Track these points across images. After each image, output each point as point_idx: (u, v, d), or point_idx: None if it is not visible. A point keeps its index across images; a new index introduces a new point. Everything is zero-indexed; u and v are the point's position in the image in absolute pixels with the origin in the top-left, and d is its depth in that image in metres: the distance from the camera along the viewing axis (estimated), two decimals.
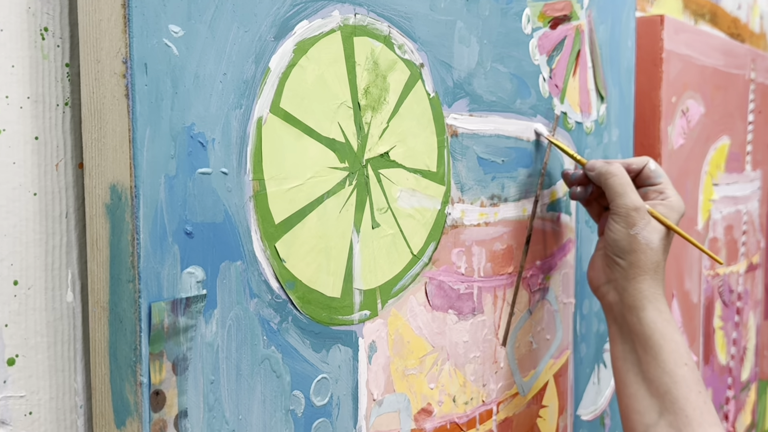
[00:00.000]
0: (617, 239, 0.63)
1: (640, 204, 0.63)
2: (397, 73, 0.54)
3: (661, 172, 0.67)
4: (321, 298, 0.49)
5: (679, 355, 0.61)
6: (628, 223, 0.62)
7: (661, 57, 0.87)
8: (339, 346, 0.50)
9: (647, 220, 0.63)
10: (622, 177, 0.64)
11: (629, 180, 0.64)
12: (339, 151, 0.49)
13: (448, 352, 0.60)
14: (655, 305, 0.62)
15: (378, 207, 0.53)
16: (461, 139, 0.60)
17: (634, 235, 0.62)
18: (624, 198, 0.63)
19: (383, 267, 0.53)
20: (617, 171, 0.64)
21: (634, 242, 0.62)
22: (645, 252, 0.62)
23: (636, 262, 0.62)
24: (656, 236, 0.63)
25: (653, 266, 0.62)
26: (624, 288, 0.63)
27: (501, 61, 0.64)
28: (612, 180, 0.64)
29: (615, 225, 0.64)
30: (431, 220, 0.57)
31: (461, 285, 0.61)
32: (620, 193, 0.63)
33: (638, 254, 0.62)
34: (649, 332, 0.61)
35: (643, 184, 0.67)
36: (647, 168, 0.67)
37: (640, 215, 0.63)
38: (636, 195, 0.64)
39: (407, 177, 0.55)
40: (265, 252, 0.45)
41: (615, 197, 0.64)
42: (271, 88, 0.45)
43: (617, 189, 0.64)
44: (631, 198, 0.63)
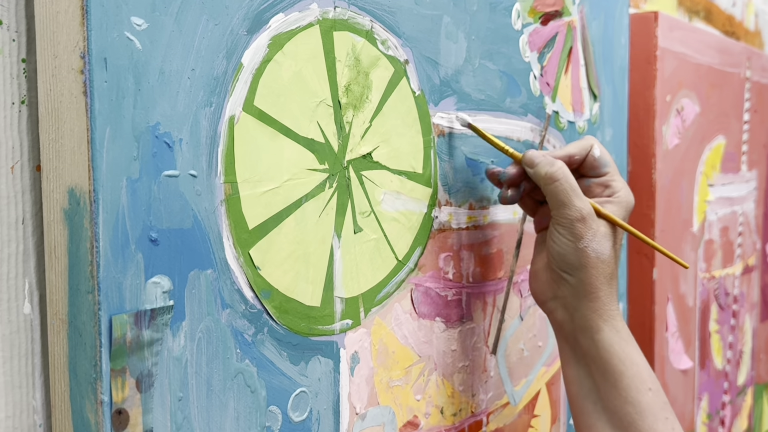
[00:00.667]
0: (564, 254, 0.54)
1: (587, 211, 0.54)
2: (380, 70, 0.51)
3: (607, 159, 0.58)
4: (299, 308, 0.46)
5: (641, 380, 0.53)
6: (575, 236, 0.54)
7: (655, 55, 0.85)
8: (319, 357, 0.47)
9: (595, 230, 0.54)
10: (565, 181, 0.54)
11: (574, 183, 0.55)
12: (318, 152, 0.47)
13: (435, 362, 0.57)
14: (611, 324, 0.54)
15: (360, 210, 0.50)
16: (448, 140, 0.57)
17: (583, 248, 0.54)
18: (568, 208, 0.54)
19: (366, 274, 0.51)
20: (560, 174, 0.54)
21: (582, 257, 0.54)
22: (596, 266, 0.54)
23: (586, 279, 0.54)
24: (607, 245, 0.54)
25: (606, 279, 0.54)
26: (575, 307, 0.55)
27: (490, 58, 0.61)
28: (553, 187, 0.54)
29: (560, 237, 0.54)
30: (417, 224, 0.55)
31: (449, 291, 0.58)
32: (563, 202, 0.54)
33: (588, 269, 0.54)
34: (607, 356, 0.54)
35: (587, 175, 0.58)
36: (591, 156, 0.58)
37: (587, 226, 0.54)
38: (582, 201, 0.54)
39: (391, 179, 0.52)
40: (239, 259, 0.42)
41: (558, 206, 0.54)
42: (244, 85, 0.42)
43: (560, 197, 0.54)
44: (577, 207, 0.54)
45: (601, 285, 0.54)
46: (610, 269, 0.54)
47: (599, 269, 0.54)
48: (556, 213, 0.55)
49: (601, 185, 0.58)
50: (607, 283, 0.54)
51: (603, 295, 0.54)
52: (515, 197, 0.58)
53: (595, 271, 0.54)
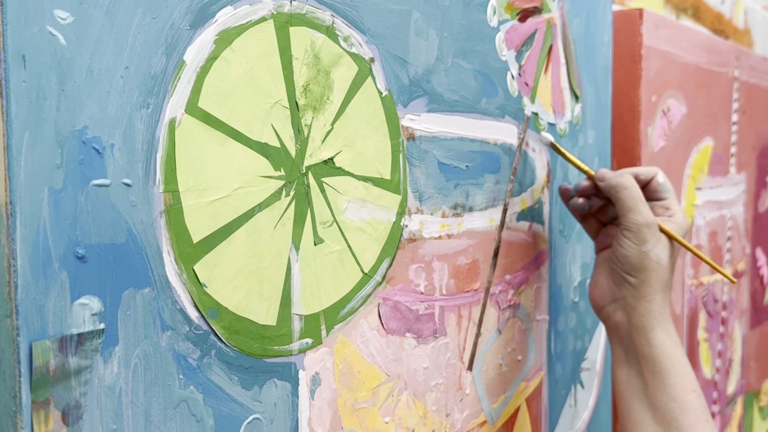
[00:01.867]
0: (628, 255, 0.60)
1: (652, 220, 0.61)
2: (342, 69, 0.47)
3: (669, 186, 0.64)
4: (252, 327, 0.42)
5: (687, 380, 0.58)
6: (640, 240, 0.60)
7: (640, 53, 0.81)
8: (274, 381, 0.44)
9: (658, 237, 0.60)
10: (633, 190, 0.61)
11: (641, 193, 0.62)
12: (273, 158, 0.43)
13: (405, 381, 0.53)
14: (664, 326, 0.60)
15: (321, 220, 0.46)
16: (419, 143, 0.54)
17: (646, 252, 0.60)
18: (636, 213, 0.60)
19: (328, 288, 0.47)
20: (629, 183, 0.61)
21: (645, 259, 0.60)
22: (656, 270, 0.60)
23: (647, 281, 0.60)
24: (666, 253, 0.61)
25: (663, 285, 0.60)
26: (633, 307, 0.61)
27: (464, 56, 0.58)
28: (624, 193, 0.61)
29: (626, 241, 0.61)
30: (385, 234, 0.51)
31: (420, 305, 0.54)
32: (632, 208, 0.60)
33: (650, 272, 0.60)
34: (657, 354, 0.59)
35: (650, 198, 0.64)
36: (655, 181, 0.64)
37: (651, 231, 0.60)
38: (648, 210, 0.61)
39: (356, 186, 0.49)
40: (181, 276, 0.39)
41: (626, 212, 0.61)
42: (186, 85, 0.39)
43: (628, 203, 0.61)
44: (644, 213, 0.60)
45: (657, 289, 0.60)
46: (666, 276, 0.61)
47: (658, 273, 0.60)
48: (625, 218, 0.61)
49: (662, 207, 0.64)
50: (662, 289, 0.60)
51: (659, 298, 0.60)
52: (584, 207, 0.66)
53: (655, 274, 0.60)
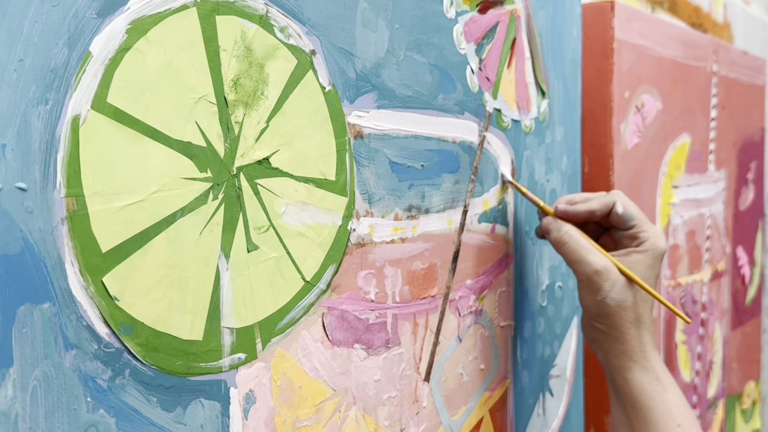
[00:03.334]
0: (587, 305, 0.60)
1: (602, 265, 0.58)
2: (279, 62, 0.44)
3: (632, 213, 0.60)
4: (173, 343, 0.39)
5: (670, 416, 0.57)
6: (593, 289, 0.58)
7: (611, 47, 0.78)
8: (201, 400, 0.40)
9: (614, 280, 0.58)
10: (573, 242, 0.59)
11: (583, 242, 0.59)
12: (198, 158, 0.40)
13: (354, 395, 0.50)
14: (642, 364, 0.59)
15: (256, 225, 0.43)
16: (368, 141, 0.50)
17: (602, 300, 0.58)
18: (582, 264, 0.58)
19: (264, 299, 0.44)
20: (567, 237, 0.59)
21: (604, 307, 0.58)
22: (619, 314, 0.58)
23: (613, 325, 0.59)
24: (628, 293, 0.58)
25: (633, 324, 0.59)
26: (608, 349, 0.60)
27: (418, 49, 0.54)
28: (564, 249, 0.60)
29: (581, 291, 0.60)
30: (329, 239, 0.48)
31: (370, 314, 0.51)
32: (577, 260, 0.59)
33: (612, 317, 0.58)
34: (637, 393, 0.58)
35: (615, 228, 0.62)
36: (614, 213, 0.61)
37: (603, 278, 0.58)
38: (595, 256, 0.58)
39: (296, 187, 0.45)
40: (88, 289, 0.35)
41: (573, 264, 0.59)
42: (93, 79, 0.35)
43: (572, 257, 0.59)
44: (590, 262, 0.58)
45: (627, 329, 0.58)
46: (636, 313, 0.58)
47: (623, 315, 0.58)
48: (574, 270, 0.59)
49: (630, 237, 0.61)
50: (634, 327, 0.58)
51: (631, 338, 0.59)
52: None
53: (619, 318, 0.58)
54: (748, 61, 1.15)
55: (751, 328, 1.24)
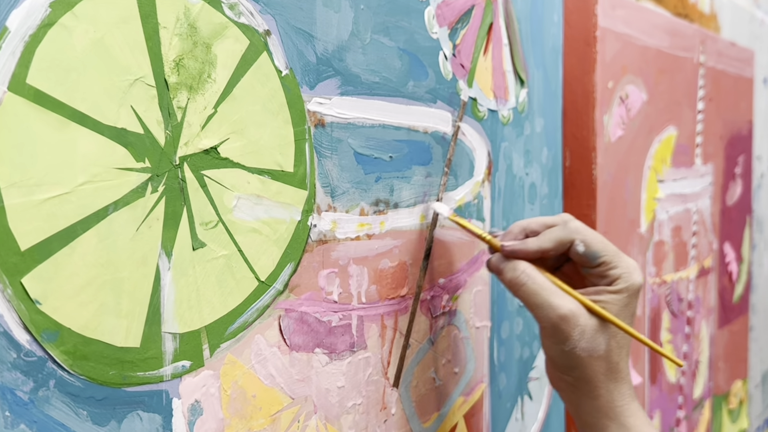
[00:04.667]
0: (552, 356, 0.51)
1: (568, 309, 0.48)
2: (228, 42, 0.40)
3: (596, 249, 0.50)
4: (106, 351, 0.35)
5: None
6: (559, 338, 0.49)
7: (594, 35, 0.75)
8: (138, 413, 0.37)
9: (583, 326, 0.48)
10: (532, 283, 0.49)
11: (543, 282, 0.49)
12: (134, 146, 0.36)
13: (315, 403, 0.47)
14: (619, 422, 0.50)
15: (202, 221, 0.39)
16: (330, 130, 0.47)
17: (571, 351, 0.49)
18: (544, 308, 0.49)
19: (212, 301, 0.40)
20: (524, 278, 0.49)
21: (573, 358, 0.49)
22: (591, 366, 0.49)
23: (584, 377, 0.50)
24: (600, 340, 0.49)
25: (608, 374, 0.50)
26: (578, 404, 0.51)
27: (386, 32, 0.51)
28: (521, 292, 0.50)
29: (544, 340, 0.50)
30: (287, 235, 0.44)
31: (333, 315, 0.48)
32: (538, 305, 0.49)
33: (583, 369, 0.49)
34: None
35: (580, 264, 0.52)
36: (574, 252, 0.51)
37: (571, 325, 0.48)
38: (560, 298, 0.49)
39: (248, 179, 0.42)
40: (4, 292, 0.31)
41: (533, 310, 0.50)
42: (10, 57, 0.31)
43: (531, 301, 0.49)
44: (554, 306, 0.48)
45: (601, 383, 0.50)
46: (610, 362, 0.49)
47: (595, 367, 0.49)
48: (535, 316, 0.50)
49: (598, 275, 0.51)
50: (609, 379, 0.50)
51: (604, 392, 0.50)
52: None
53: (589, 370, 0.49)
54: (736, 53, 1.12)
55: (738, 326, 1.22)
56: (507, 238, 0.52)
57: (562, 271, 0.53)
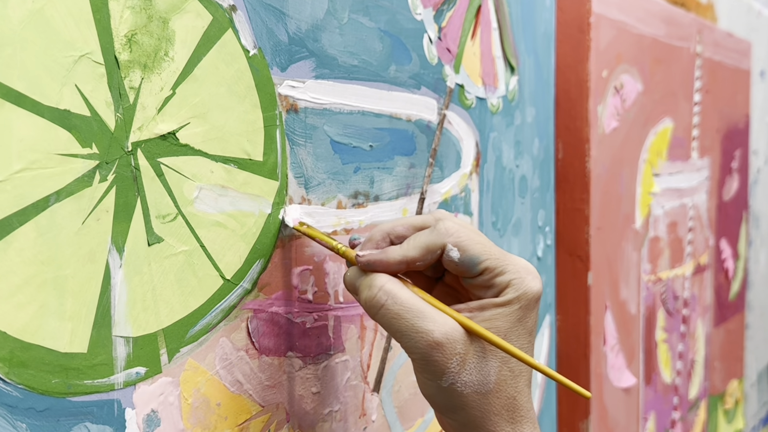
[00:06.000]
0: (429, 395, 0.39)
1: (441, 333, 0.37)
2: (188, 17, 0.37)
3: (474, 252, 0.39)
4: (48, 357, 0.32)
5: None
6: (433, 372, 0.37)
7: (588, 22, 0.72)
8: (86, 425, 0.33)
9: (462, 354, 0.37)
10: (393, 303, 0.38)
11: (409, 301, 0.38)
12: (79, 130, 0.32)
13: (287, 411, 0.43)
14: None
15: (159, 213, 0.36)
16: (304, 116, 0.43)
17: (450, 386, 0.38)
18: (410, 337, 0.38)
19: (170, 301, 0.36)
20: (382, 298, 0.38)
21: (453, 396, 0.38)
22: (477, 404, 0.38)
23: (470, 421, 0.38)
24: (488, 369, 0.38)
25: (504, 413, 0.38)
26: None
27: (365, 11, 0.47)
28: (380, 315, 0.39)
29: (417, 375, 0.39)
30: (255, 230, 0.41)
31: (308, 316, 0.44)
32: (403, 332, 0.38)
33: (468, 410, 0.38)
34: None
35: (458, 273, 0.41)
36: (447, 260, 0.40)
37: (447, 354, 0.37)
38: (429, 320, 0.37)
39: (212, 168, 0.38)
40: None
41: (397, 338, 0.38)
42: None
43: (395, 326, 0.38)
44: (423, 331, 0.37)
45: (493, 426, 0.38)
46: (503, 400, 0.38)
47: (484, 407, 0.38)
48: (402, 345, 0.38)
49: (480, 286, 0.40)
50: (505, 420, 0.38)
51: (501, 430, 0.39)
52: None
53: (477, 411, 0.38)
54: (733, 44, 1.09)
55: (735, 325, 1.19)
56: (367, 246, 0.41)
57: (445, 283, 0.43)
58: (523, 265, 0.40)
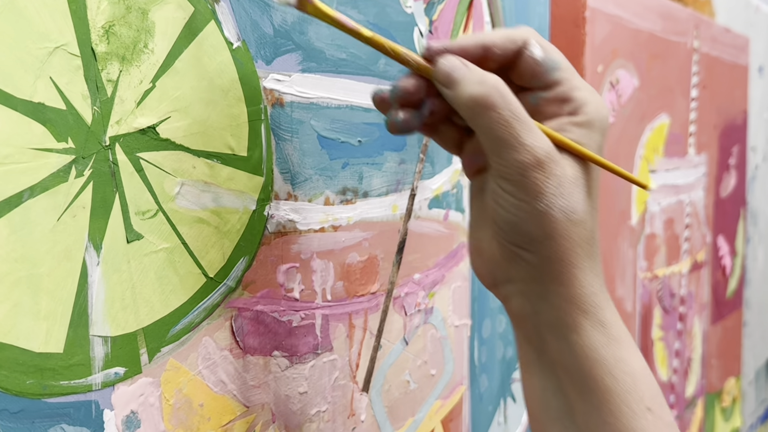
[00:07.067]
0: (515, 222, 0.35)
1: (545, 151, 0.34)
2: (168, 8, 0.36)
3: (555, 58, 0.36)
4: (22, 357, 0.31)
5: (638, 397, 0.36)
6: (531, 192, 0.34)
7: (583, 16, 0.71)
8: (63, 427, 0.32)
9: (560, 176, 0.34)
10: (506, 108, 0.34)
11: (518, 109, 0.34)
12: (54, 124, 0.31)
13: (273, 411, 0.42)
14: (595, 317, 0.36)
15: (138, 209, 0.35)
16: (290, 111, 0.42)
17: (545, 210, 0.34)
18: (516, 150, 0.34)
19: (150, 299, 0.36)
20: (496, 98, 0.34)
21: (545, 222, 0.34)
22: (567, 233, 0.35)
23: (555, 254, 0.35)
24: (579, 196, 0.35)
25: (584, 249, 0.35)
26: (540, 296, 0.36)
27: (353, 4, 0.46)
28: (487, 119, 0.34)
29: (507, 198, 0.35)
30: (239, 227, 0.40)
31: (294, 315, 0.43)
32: (507, 142, 0.34)
33: (556, 240, 0.35)
34: (588, 366, 0.36)
35: (529, 87, 0.37)
36: (528, 57, 0.36)
37: (547, 173, 0.34)
38: (535, 135, 0.34)
39: (194, 164, 0.37)
40: None
41: (498, 150, 0.34)
42: None
43: (500, 134, 0.34)
44: (528, 146, 0.33)
45: (576, 259, 0.35)
46: (587, 232, 0.35)
47: (572, 236, 0.35)
48: (498, 161, 0.34)
49: (556, 100, 0.36)
50: (585, 255, 0.35)
51: (581, 275, 0.35)
52: (412, 123, 0.37)
53: (566, 240, 0.35)
54: (731, 39, 1.08)
55: (732, 322, 1.18)
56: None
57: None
58: (592, 88, 0.37)
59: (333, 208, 0.46)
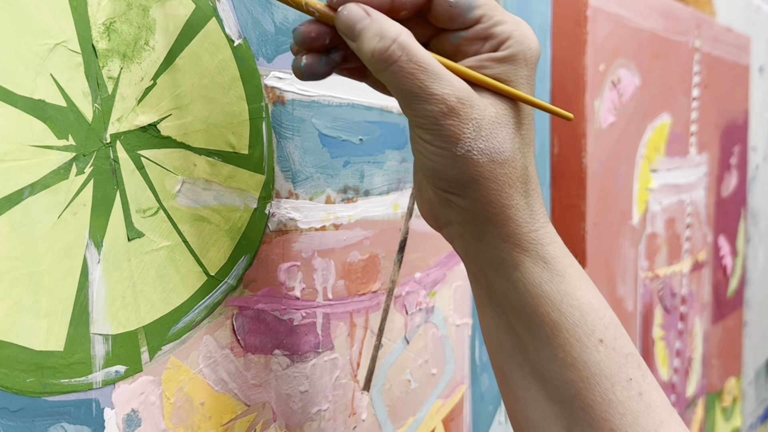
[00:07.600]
0: (437, 169, 0.35)
1: (458, 97, 0.33)
2: (169, 5, 0.36)
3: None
4: (22, 355, 0.31)
5: (587, 329, 0.35)
6: (447, 139, 0.33)
7: (585, 15, 0.70)
8: (63, 425, 0.32)
9: (478, 119, 0.33)
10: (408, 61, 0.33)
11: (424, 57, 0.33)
12: (54, 121, 0.31)
13: (274, 410, 0.42)
14: (536, 252, 0.36)
15: (139, 207, 0.35)
16: (291, 109, 0.42)
17: (465, 155, 0.34)
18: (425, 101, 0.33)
19: (151, 298, 0.35)
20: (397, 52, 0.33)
21: (467, 167, 0.34)
22: (493, 175, 0.34)
23: (484, 197, 0.35)
24: (503, 134, 0.34)
25: (517, 187, 0.35)
26: (477, 236, 0.36)
27: None
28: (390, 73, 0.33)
29: (425, 146, 0.34)
30: (241, 225, 0.40)
31: (295, 313, 0.43)
32: (415, 94, 0.33)
33: (482, 183, 0.34)
34: (533, 302, 0.36)
35: (449, 27, 0.35)
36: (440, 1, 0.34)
37: (463, 118, 0.33)
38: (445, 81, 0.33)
39: (195, 161, 0.37)
40: None
41: (408, 102, 0.34)
42: None
43: (406, 87, 0.33)
44: (438, 95, 0.33)
45: (508, 200, 0.35)
46: (517, 170, 0.35)
47: (499, 177, 0.34)
48: (410, 113, 0.34)
49: (477, 38, 0.35)
50: (520, 193, 0.35)
51: (515, 213, 0.35)
52: (317, 68, 0.35)
53: (492, 182, 0.34)
54: (732, 39, 1.08)
55: (733, 322, 1.18)
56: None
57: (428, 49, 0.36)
58: (519, 20, 0.36)
59: (334, 206, 0.46)
